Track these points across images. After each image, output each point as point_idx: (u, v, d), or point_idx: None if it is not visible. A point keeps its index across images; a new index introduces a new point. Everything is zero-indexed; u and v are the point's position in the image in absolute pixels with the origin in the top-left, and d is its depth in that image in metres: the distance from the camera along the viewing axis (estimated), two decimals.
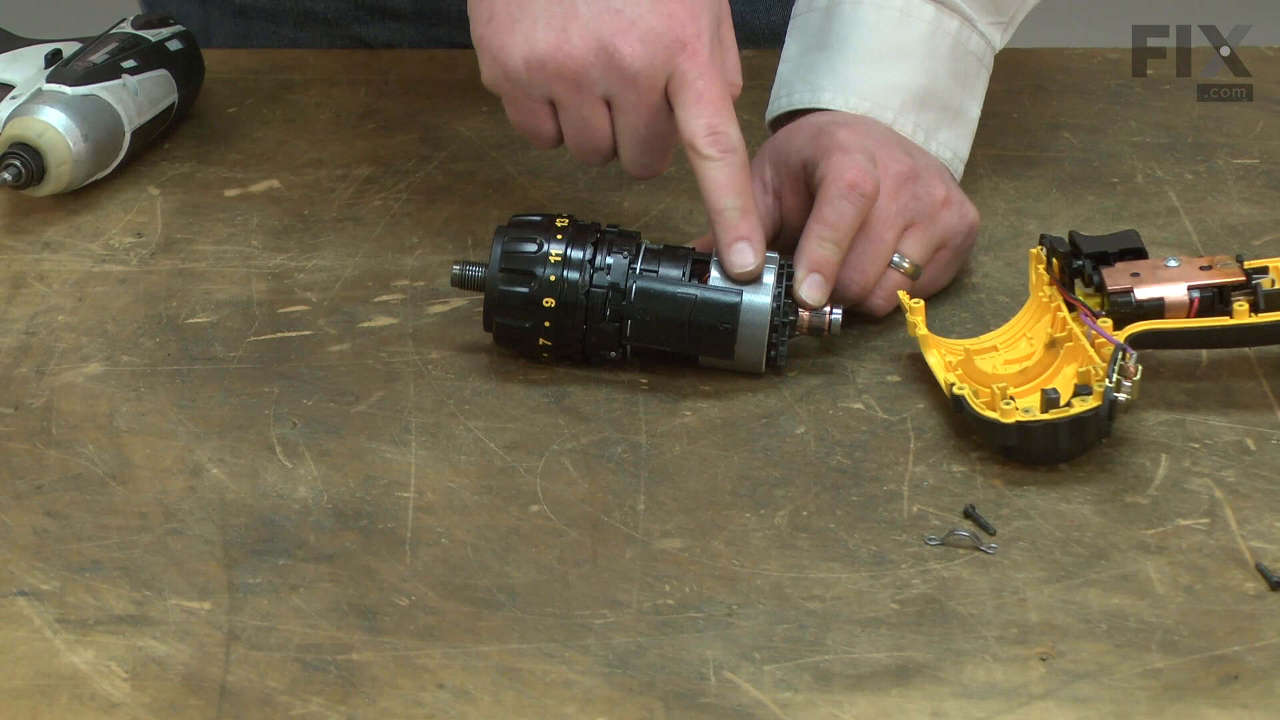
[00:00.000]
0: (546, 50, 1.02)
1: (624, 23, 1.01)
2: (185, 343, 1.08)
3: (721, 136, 1.02)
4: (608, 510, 0.96)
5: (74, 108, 1.18)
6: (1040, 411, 0.96)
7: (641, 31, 1.01)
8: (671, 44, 1.01)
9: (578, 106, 1.03)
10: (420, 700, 0.85)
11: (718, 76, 1.03)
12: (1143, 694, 0.85)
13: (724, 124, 1.02)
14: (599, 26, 1.01)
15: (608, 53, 1.01)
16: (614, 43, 1.01)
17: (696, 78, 1.02)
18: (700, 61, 1.02)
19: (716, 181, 1.03)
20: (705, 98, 1.02)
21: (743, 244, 1.02)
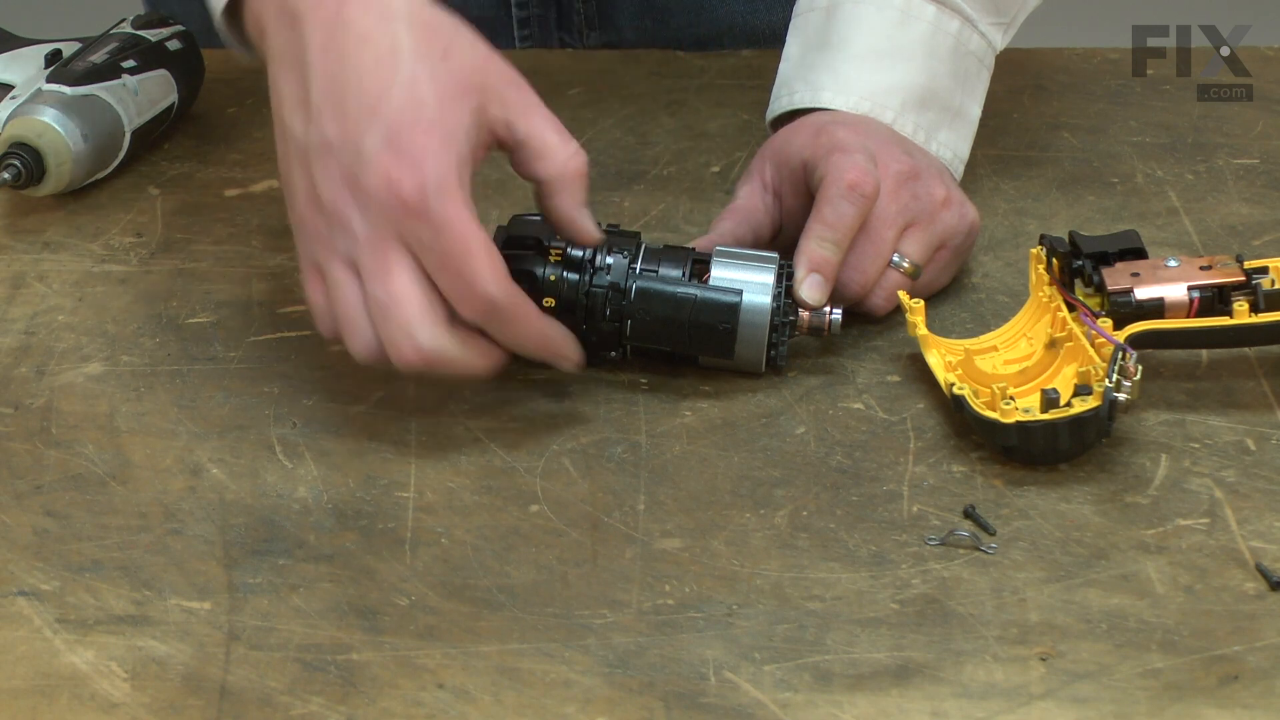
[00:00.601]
0: (301, 207, 0.97)
1: (347, 180, 0.95)
2: (185, 343, 1.08)
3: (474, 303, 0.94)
4: (608, 510, 0.96)
5: (74, 108, 1.18)
6: (1040, 411, 0.96)
7: (363, 189, 0.94)
8: (389, 203, 0.93)
9: (329, 265, 0.96)
10: (420, 700, 0.85)
11: (458, 230, 0.93)
12: (1143, 694, 0.85)
13: (468, 288, 0.94)
14: (330, 185, 0.95)
15: (337, 211, 0.95)
16: (340, 200, 0.95)
17: (431, 239, 0.93)
18: (429, 219, 0.93)
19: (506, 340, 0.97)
20: (446, 262, 0.94)
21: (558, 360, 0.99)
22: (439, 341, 0.95)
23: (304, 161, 0.96)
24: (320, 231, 0.96)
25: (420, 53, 0.95)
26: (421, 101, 0.94)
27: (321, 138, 0.95)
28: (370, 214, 0.94)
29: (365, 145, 0.94)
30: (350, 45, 0.95)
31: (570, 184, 0.99)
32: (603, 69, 1.36)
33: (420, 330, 0.95)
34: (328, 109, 0.95)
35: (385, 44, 0.95)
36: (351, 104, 0.95)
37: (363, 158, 0.94)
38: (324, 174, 0.95)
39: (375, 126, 0.94)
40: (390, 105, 0.94)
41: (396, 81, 0.95)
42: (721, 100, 1.32)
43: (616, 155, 1.26)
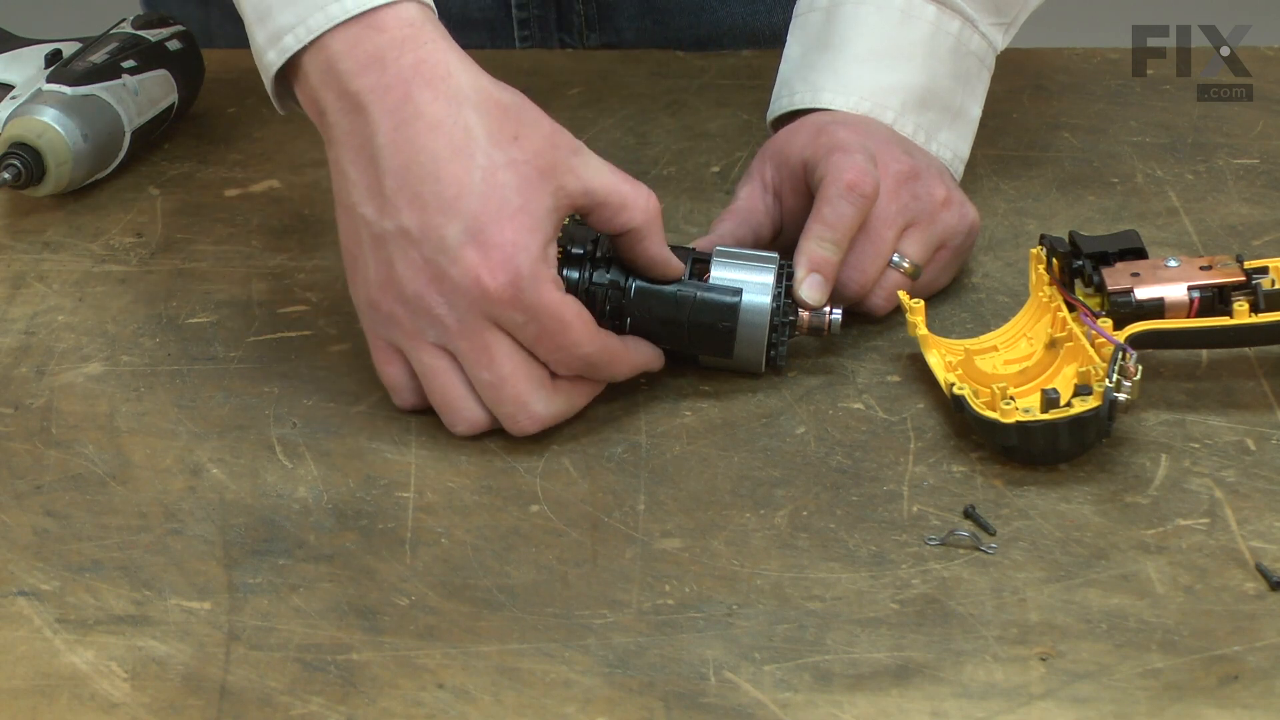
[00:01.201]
0: (377, 292, 0.97)
1: (433, 275, 0.95)
2: (185, 343, 1.08)
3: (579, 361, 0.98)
4: (608, 510, 0.96)
5: (74, 108, 1.18)
6: (1040, 411, 0.96)
7: (450, 283, 0.95)
8: (481, 297, 0.95)
9: (415, 353, 0.98)
10: (420, 700, 0.85)
11: (547, 309, 0.95)
12: (1143, 694, 0.85)
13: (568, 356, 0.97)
14: (413, 278, 0.96)
15: (424, 305, 0.96)
16: (427, 294, 0.96)
17: (526, 321, 0.95)
18: (522, 305, 0.95)
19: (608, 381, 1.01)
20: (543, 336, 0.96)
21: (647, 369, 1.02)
22: (552, 405, 0.98)
23: (380, 249, 0.96)
24: (401, 319, 0.97)
25: (494, 139, 0.95)
26: (503, 191, 0.95)
27: (398, 227, 0.95)
28: (460, 307, 0.95)
29: (449, 238, 0.94)
30: (422, 134, 0.95)
31: (655, 227, 1.00)
32: (603, 69, 1.36)
33: (535, 402, 0.98)
34: (404, 199, 0.95)
35: (459, 132, 0.95)
36: (429, 195, 0.95)
37: (448, 252, 0.94)
38: (406, 265, 0.95)
39: (457, 219, 0.94)
40: (471, 197, 0.94)
41: (474, 171, 0.95)
42: (721, 100, 1.32)
43: (616, 155, 1.26)
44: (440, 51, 0.98)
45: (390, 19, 0.97)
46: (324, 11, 0.97)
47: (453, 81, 0.96)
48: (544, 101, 1.32)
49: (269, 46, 0.99)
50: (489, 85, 0.98)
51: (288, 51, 0.98)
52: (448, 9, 1.44)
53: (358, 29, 0.97)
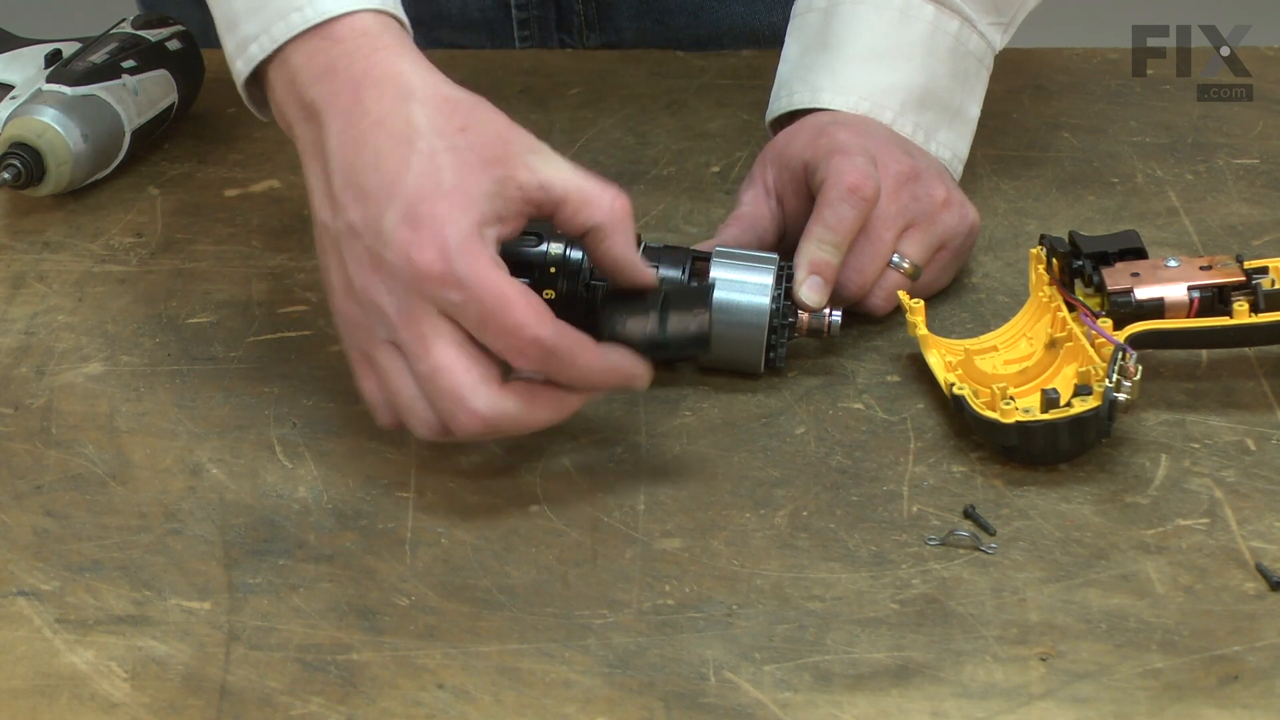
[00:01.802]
0: (339, 300, 0.96)
1: (373, 262, 0.93)
2: (185, 343, 1.08)
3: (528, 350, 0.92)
4: (608, 510, 0.96)
5: (74, 108, 1.18)
6: (1040, 411, 0.96)
7: (387, 267, 0.93)
8: (414, 277, 0.92)
9: (375, 354, 0.95)
10: (420, 700, 0.85)
11: (488, 285, 0.92)
12: (1143, 694, 0.85)
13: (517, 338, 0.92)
14: (360, 271, 0.94)
15: (370, 298, 0.94)
16: (371, 285, 0.94)
17: (464, 300, 0.92)
18: (457, 283, 0.92)
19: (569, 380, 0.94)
20: (486, 318, 0.92)
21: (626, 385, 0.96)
22: (497, 404, 0.93)
23: (336, 251, 0.95)
24: (359, 320, 0.95)
25: (438, 129, 0.94)
26: (439, 174, 0.93)
27: (347, 224, 0.94)
28: (398, 291, 0.92)
29: (384, 225, 0.93)
30: (367, 129, 0.95)
31: (620, 226, 0.96)
32: (603, 69, 1.36)
33: (474, 396, 0.92)
34: (349, 195, 0.94)
35: (401, 125, 0.94)
36: (371, 187, 0.94)
37: (383, 237, 0.93)
38: (353, 261, 0.94)
39: (393, 205, 0.93)
40: (407, 182, 0.93)
41: (413, 159, 0.93)
42: (721, 100, 1.32)
43: (616, 155, 1.26)
44: (393, 55, 0.97)
45: (344, 29, 0.97)
46: (285, 21, 0.97)
47: (402, 80, 0.96)
48: (544, 101, 1.32)
49: (237, 55, 1.00)
50: (441, 83, 0.96)
51: (253, 60, 0.98)
52: (448, 10, 1.45)
53: (315, 40, 0.97)
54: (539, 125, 1.29)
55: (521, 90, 1.33)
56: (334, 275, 0.96)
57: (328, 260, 0.96)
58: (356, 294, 0.94)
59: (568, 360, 0.93)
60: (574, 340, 0.93)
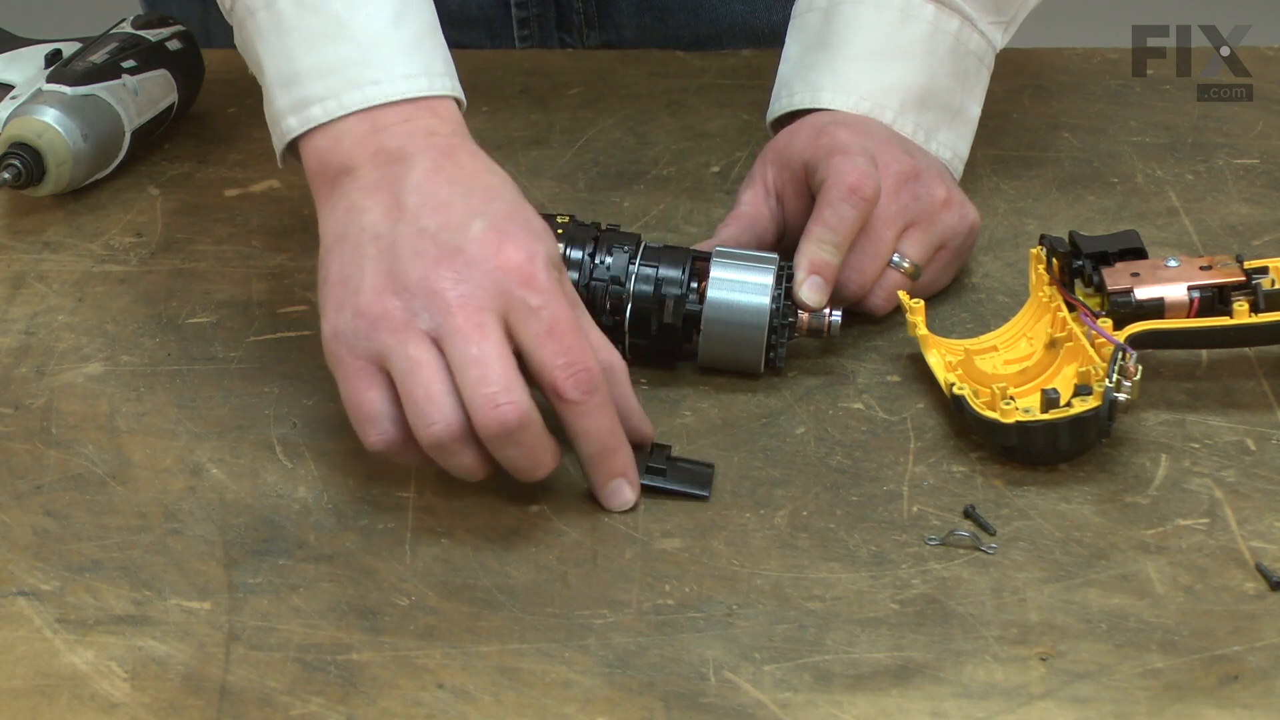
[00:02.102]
0: (369, 295, 0.93)
1: (445, 254, 0.93)
2: (185, 343, 1.08)
3: (583, 375, 0.92)
4: (608, 510, 0.96)
5: (74, 108, 1.18)
6: (1040, 411, 0.96)
7: (466, 258, 0.93)
8: (497, 268, 0.92)
9: (404, 347, 0.92)
10: (420, 700, 0.85)
11: (565, 308, 0.93)
12: (1143, 694, 0.85)
13: (581, 357, 0.92)
14: (421, 263, 0.93)
15: (427, 284, 0.92)
16: (433, 274, 0.92)
17: (541, 305, 0.92)
18: (539, 287, 0.92)
19: (585, 428, 0.93)
20: (555, 332, 0.92)
21: (618, 482, 0.95)
22: (533, 408, 0.92)
23: (385, 255, 0.94)
24: (394, 314, 0.92)
25: (518, 196, 0.97)
26: (524, 213, 0.95)
27: (416, 229, 0.94)
28: (470, 280, 0.92)
29: (471, 226, 0.93)
30: (459, 172, 0.96)
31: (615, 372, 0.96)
32: (603, 69, 1.36)
33: (518, 388, 0.91)
34: (427, 209, 0.94)
35: (494, 180, 0.97)
36: (456, 204, 0.95)
37: (467, 234, 0.93)
38: (413, 256, 0.93)
39: (482, 217, 0.94)
40: (496, 208, 0.95)
41: (501, 198, 0.96)
42: (721, 100, 1.32)
43: (616, 155, 1.26)
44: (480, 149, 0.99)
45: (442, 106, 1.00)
46: (360, 92, 0.98)
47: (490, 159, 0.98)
48: (544, 101, 1.32)
49: (290, 112, 1.00)
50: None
51: (312, 122, 0.99)
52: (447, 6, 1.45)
53: (409, 107, 0.99)
54: (539, 125, 1.29)
55: (521, 90, 1.33)
56: (368, 279, 0.93)
57: (361, 268, 0.94)
58: (408, 285, 0.92)
59: (604, 402, 0.93)
60: (609, 400, 0.93)
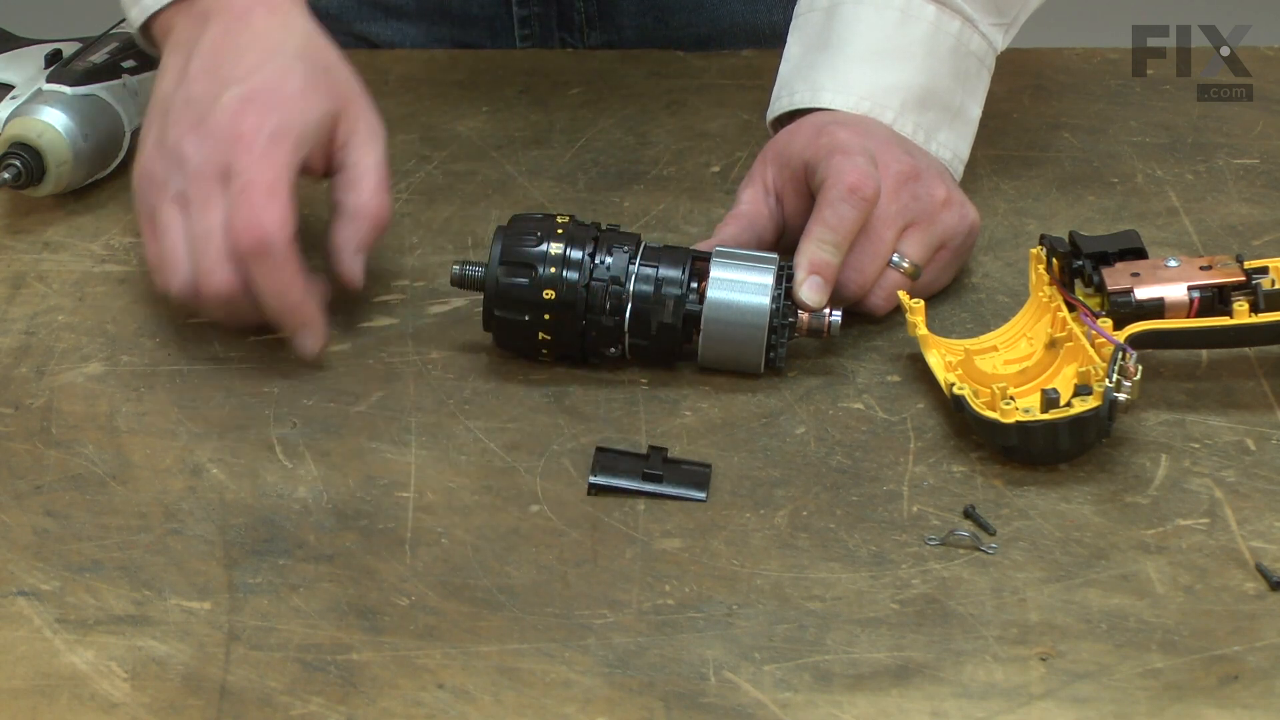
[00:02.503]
0: (145, 157, 1.06)
1: (195, 122, 1.04)
2: (185, 343, 1.08)
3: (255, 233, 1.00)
4: (608, 510, 0.96)
5: (74, 108, 1.18)
6: (1040, 411, 0.96)
7: (207, 128, 1.03)
8: (227, 138, 1.02)
9: (160, 207, 1.04)
10: (420, 700, 0.85)
11: (267, 171, 1.01)
12: (1143, 694, 0.85)
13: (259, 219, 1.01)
14: (177, 129, 1.04)
15: (177, 151, 1.04)
16: (183, 140, 1.03)
17: (244, 169, 1.01)
18: (250, 153, 1.01)
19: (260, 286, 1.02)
20: (246, 192, 1.01)
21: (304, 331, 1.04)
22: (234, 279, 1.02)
23: (162, 116, 1.05)
24: (158, 175, 1.04)
25: (302, 55, 1.06)
26: (286, 82, 1.04)
27: (186, 94, 1.04)
28: (204, 149, 1.02)
29: (224, 96, 1.03)
30: (243, 35, 1.05)
31: (363, 222, 1.06)
32: (603, 69, 1.36)
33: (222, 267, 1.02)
34: (201, 74, 1.04)
35: (276, 39, 1.06)
36: (225, 70, 1.04)
37: (218, 104, 1.03)
38: (176, 122, 1.04)
39: (240, 86, 1.03)
40: (257, 77, 1.04)
41: (273, 62, 1.04)
42: (721, 100, 1.32)
43: (616, 155, 1.26)
44: (291, 4, 1.08)
45: None
46: None
47: (292, 16, 1.07)
48: (544, 101, 1.32)
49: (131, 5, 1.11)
50: (325, 40, 1.08)
51: (148, 10, 1.10)
52: (452, 8, 1.45)
53: None
54: (539, 125, 1.29)
55: (522, 90, 1.33)
56: (150, 137, 1.06)
57: (149, 127, 1.06)
58: (167, 148, 1.04)
59: (275, 268, 1.01)
60: (290, 257, 1.01)
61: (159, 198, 1.04)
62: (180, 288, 1.03)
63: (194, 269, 1.03)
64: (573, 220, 1.04)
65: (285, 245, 1.01)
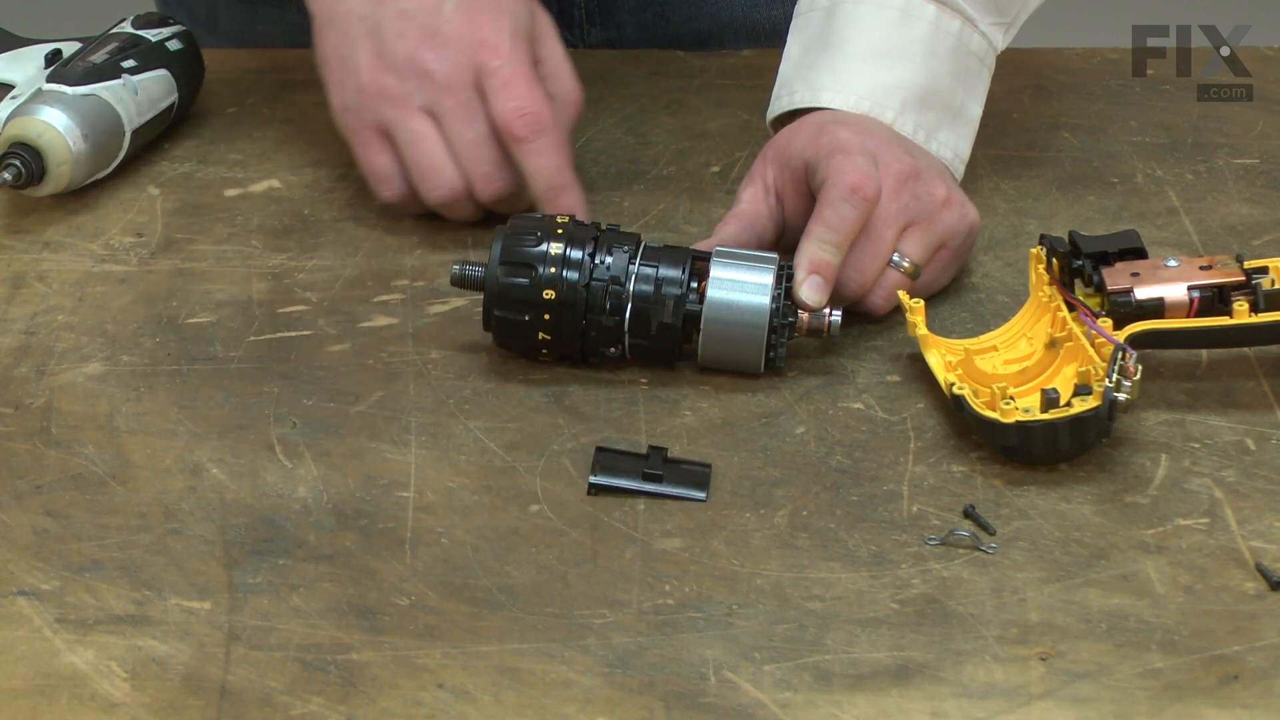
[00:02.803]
0: (368, 74, 1.11)
1: (425, 35, 1.10)
2: (185, 343, 1.08)
3: (530, 117, 1.09)
4: (608, 510, 0.96)
5: (74, 108, 1.18)
6: (1040, 411, 0.96)
7: (443, 38, 1.09)
8: (471, 44, 1.09)
9: (404, 121, 1.10)
10: (420, 700, 0.85)
11: (521, 64, 1.09)
12: (1143, 694, 0.85)
13: (532, 104, 1.09)
14: (405, 44, 1.10)
15: (416, 64, 1.10)
16: (419, 53, 1.10)
17: (497, 67, 1.09)
18: (501, 53, 1.09)
19: (534, 165, 1.10)
20: (510, 83, 1.09)
21: None
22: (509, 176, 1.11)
23: (373, 35, 1.10)
24: (391, 89, 1.10)
25: None
26: None
27: (398, 9, 1.10)
28: (449, 59, 1.09)
29: (445, 8, 1.10)
30: None
31: (569, 107, 1.14)
32: (603, 68, 1.36)
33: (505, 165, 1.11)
34: None
35: None
36: None
37: (442, 15, 1.10)
38: (398, 37, 1.10)
39: None
40: None
41: None
42: (721, 100, 1.32)
43: (616, 155, 1.26)
44: None
45: None
46: None
47: None
48: None
49: None
50: None
51: None
52: None
53: None
54: None
55: None
56: (363, 58, 1.10)
57: (354, 48, 1.11)
58: (398, 64, 1.10)
59: (551, 143, 1.09)
60: (559, 136, 1.11)
61: (400, 112, 1.10)
62: (445, 194, 1.11)
63: (467, 174, 1.10)
64: (572, 220, 1.04)
65: (554, 124, 1.09)
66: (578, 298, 1.02)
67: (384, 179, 1.13)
